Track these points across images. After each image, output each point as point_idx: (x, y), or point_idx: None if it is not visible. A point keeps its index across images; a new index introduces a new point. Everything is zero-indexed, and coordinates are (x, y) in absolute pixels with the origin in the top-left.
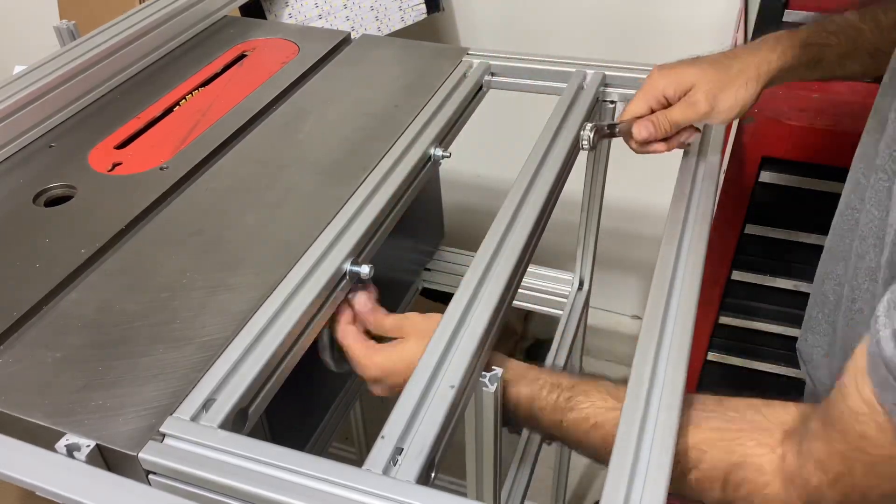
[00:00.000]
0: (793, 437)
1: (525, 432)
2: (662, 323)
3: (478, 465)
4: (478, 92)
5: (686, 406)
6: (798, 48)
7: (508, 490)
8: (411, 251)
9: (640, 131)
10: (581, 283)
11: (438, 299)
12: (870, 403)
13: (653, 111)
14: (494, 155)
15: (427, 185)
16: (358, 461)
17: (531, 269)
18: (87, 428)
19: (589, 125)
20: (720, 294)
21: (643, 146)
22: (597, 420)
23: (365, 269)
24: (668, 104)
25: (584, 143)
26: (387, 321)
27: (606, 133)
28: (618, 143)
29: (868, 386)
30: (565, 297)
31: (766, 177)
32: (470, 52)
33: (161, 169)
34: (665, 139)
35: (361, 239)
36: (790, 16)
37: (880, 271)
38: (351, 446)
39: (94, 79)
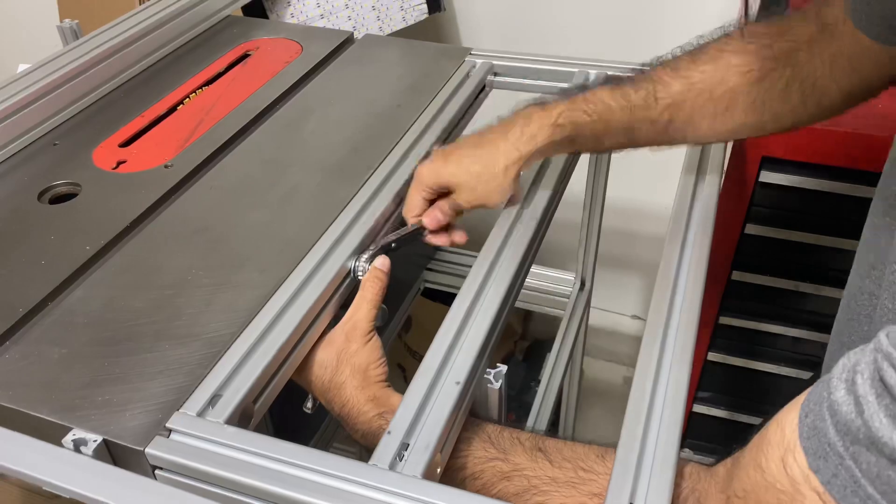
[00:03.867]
0: None
1: None
2: (666, 322)
3: None
4: (480, 92)
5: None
6: (549, 128)
7: None
8: (413, 251)
9: (431, 221)
10: (582, 283)
11: (439, 299)
12: (797, 480)
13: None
14: None
15: None
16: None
17: (532, 268)
18: (93, 423)
19: (364, 255)
20: (720, 294)
21: (436, 236)
22: (473, 471)
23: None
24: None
25: (360, 273)
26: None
27: (391, 248)
28: None
29: (802, 459)
30: (566, 297)
31: (766, 177)
32: (473, 52)
33: (165, 167)
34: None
35: (365, 237)
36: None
37: None
38: (351, 446)
39: (97, 77)
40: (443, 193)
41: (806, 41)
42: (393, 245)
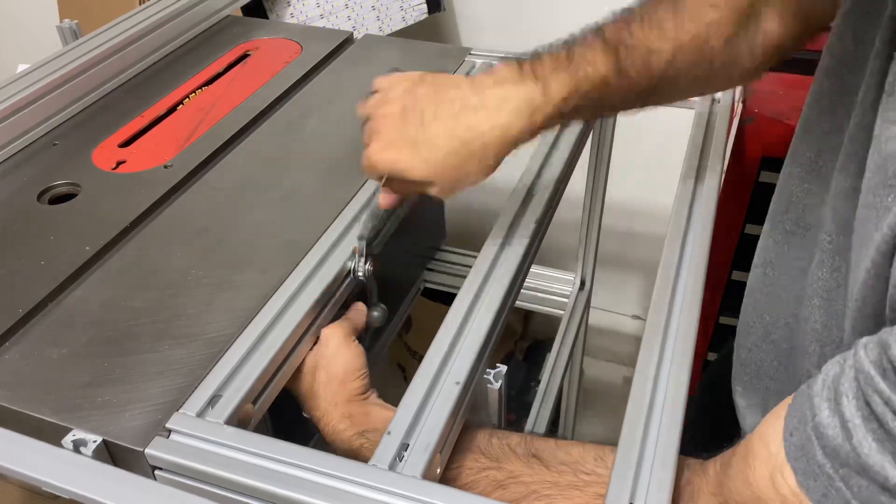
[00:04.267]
0: None
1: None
2: (666, 322)
3: None
4: None
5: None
6: (554, 118)
7: None
8: (413, 251)
9: (388, 203)
10: (582, 283)
11: (439, 299)
12: (788, 498)
13: None
14: None
15: None
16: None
17: (532, 268)
18: (93, 423)
19: (360, 257)
20: (720, 294)
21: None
22: (465, 482)
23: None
24: None
25: (359, 273)
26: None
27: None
28: (619, 144)
29: (791, 477)
30: (566, 297)
31: (766, 177)
32: (473, 52)
33: (165, 167)
34: None
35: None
36: None
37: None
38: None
39: (97, 77)
40: None
41: None
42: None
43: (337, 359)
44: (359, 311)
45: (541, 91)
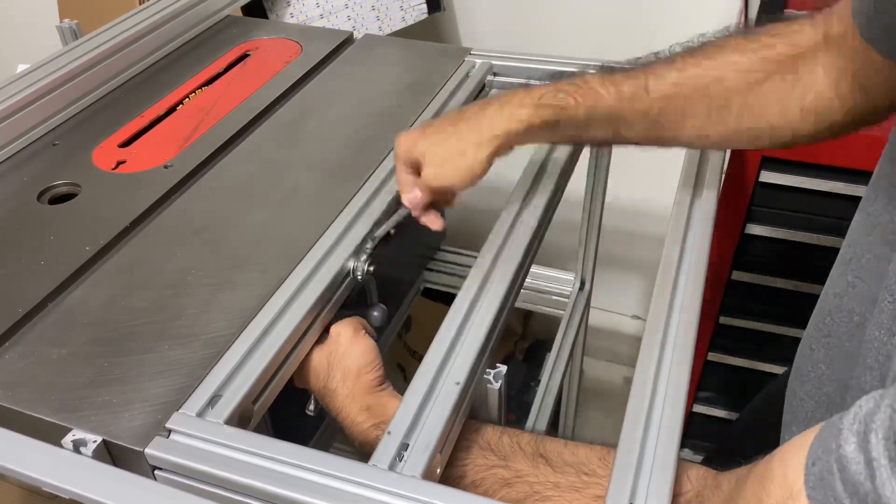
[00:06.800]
0: None
1: None
2: (666, 322)
3: None
4: (480, 91)
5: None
6: (530, 108)
7: None
8: (413, 251)
9: (409, 200)
10: (582, 284)
11: (439, 299)
12: None
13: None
14: None
15: None
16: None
17: (532, 268)
18: (93, 424)
19: (366, 247)
20: (720, 294)
21: (428, 217)
22: (473, 479)
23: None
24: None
25: (359, 273)
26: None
27: (390, 236)
28: None
29: None
30: (566, 297)
31: (766, 177)
32: (472, 52)
33: (165, 167)
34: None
35: (365, 237)
36: (790, 15)
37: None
38: (351, 446)
39: (97, 77)
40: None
41: (811, 48)
42: (391, 232)
43: (350, 353)
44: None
45: (525, 91)
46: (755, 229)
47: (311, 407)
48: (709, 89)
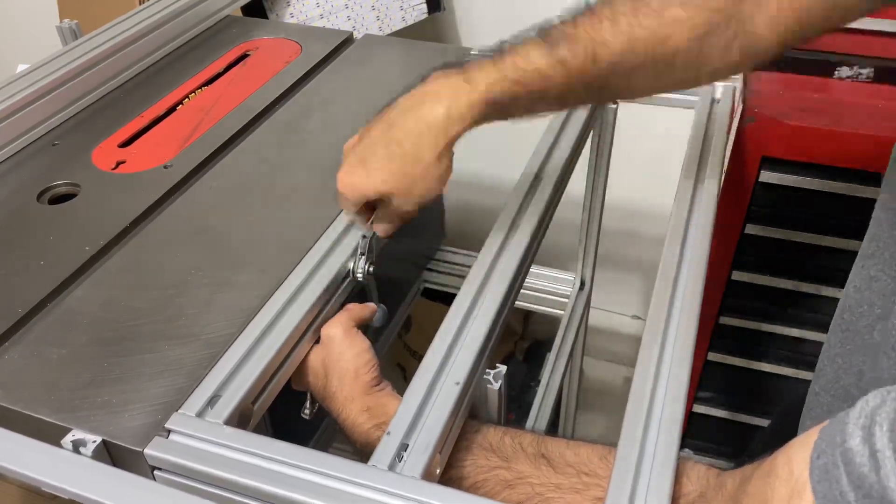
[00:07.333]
0: None
1: None
2: (666, 322)
3: None
4: None
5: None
6: (479, 105)
7: None
8: (413, 251)
9: (384, 231)
10: (582, 284)
11: (439, 299)
12: None
13: None
14: (496, 154)
15: None
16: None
17: (532, 268)
18: (93, 424)
19: (363, 259)
20: (720, 294)
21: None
22: (476, 480)
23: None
24: None
25: (359, 273)
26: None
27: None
28: (619, 144)
29: (810, 501)
30: (566, 297)
31: (766, 177)
32: (472, 52)
33: (165, 167)
34: None
35: (365, 237)
36: None
37: None
38: (351, 447)
39: (97, 78)
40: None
41: None
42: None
43: (344, 357)
44: (353, 305)
45: (464, 79)
46: (755, 229)
47: (307, 410)
48: (656, 52)
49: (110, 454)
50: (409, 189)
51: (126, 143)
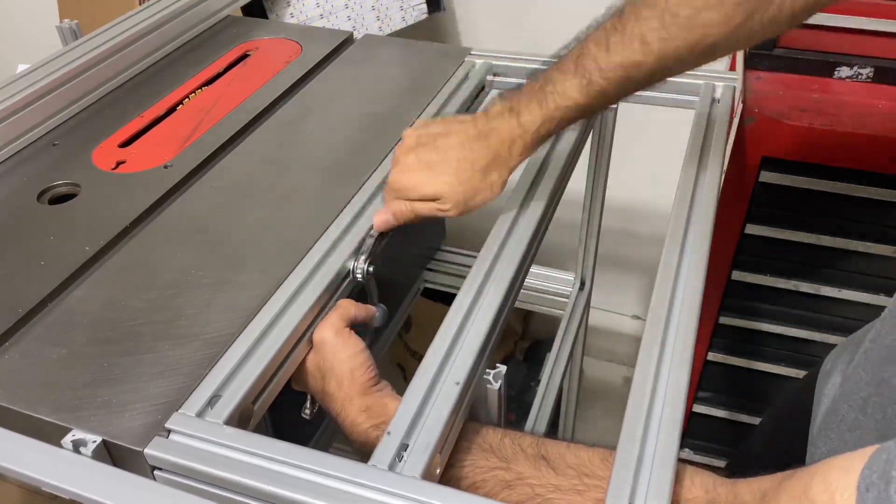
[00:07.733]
0: None
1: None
2: (666, 322)
3: None
4: (480, 92)
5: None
6: (531, 145)
7: None
8: (413, 251)
9: (382, 224)
10: (582, 284)
11: (439, 299)
12: None
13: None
14: None
15: None
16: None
17: (532, 268)
18: (93, 424)
19: (362, 258)
20: (720, 294)
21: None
22: (475, 480)
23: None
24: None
25: (358, 274)
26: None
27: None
28: (619, 144)
29: None
30: (566, 297)
31: (766, 177)
32: (472, 53)
33: (165, 167)
34: None
35: (365, 237)
36: (779, 52)
37: None
38: (351, 447)
39: (97, 78)
40: None
41: None
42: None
43: (338, 359)
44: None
45: (516, 124)
46: (755, 229)
47: (307, 411)
48: (692, 53)
49: (110, 454)
50: (468, 199)
51: (126, 143)
